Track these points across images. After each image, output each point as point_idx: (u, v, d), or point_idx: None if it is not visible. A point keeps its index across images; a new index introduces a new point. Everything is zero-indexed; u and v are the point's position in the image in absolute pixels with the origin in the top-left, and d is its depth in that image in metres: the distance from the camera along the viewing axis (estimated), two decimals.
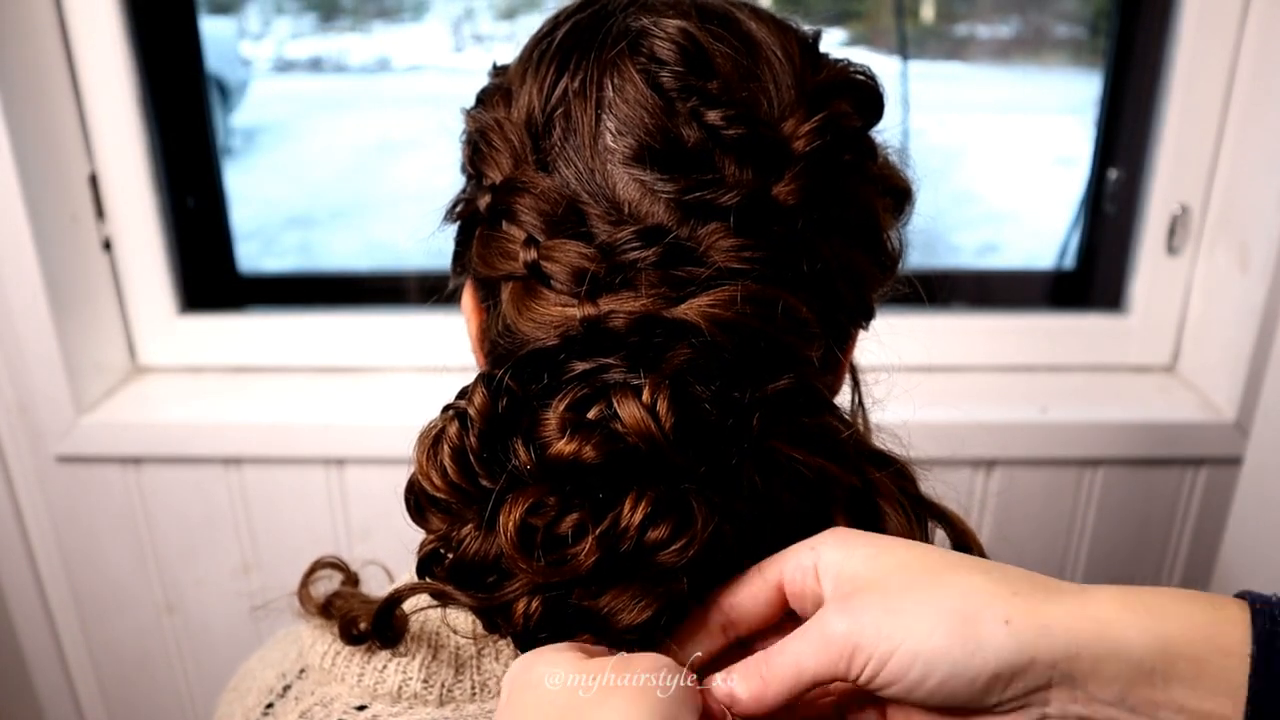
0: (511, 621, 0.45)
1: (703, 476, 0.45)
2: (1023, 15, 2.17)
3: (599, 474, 0.44)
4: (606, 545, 0.43)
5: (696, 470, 0.45)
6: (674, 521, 0.43)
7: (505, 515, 0.44)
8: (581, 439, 0.43)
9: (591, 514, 0.44)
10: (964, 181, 2.94)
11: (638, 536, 0.43)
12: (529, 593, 0.44)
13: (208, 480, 1.29)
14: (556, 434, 0.44)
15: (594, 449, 0.43)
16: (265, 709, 0.57)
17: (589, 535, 0.43)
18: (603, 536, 0.43)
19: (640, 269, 0.46)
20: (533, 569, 0.43)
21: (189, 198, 1.35)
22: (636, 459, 0.44)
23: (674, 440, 0.44)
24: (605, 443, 0.43)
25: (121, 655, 1.41)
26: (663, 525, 0.43)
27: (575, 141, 0.49)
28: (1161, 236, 1.27)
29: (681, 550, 0.43)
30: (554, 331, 0.47)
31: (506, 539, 0.43)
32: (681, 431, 0.44)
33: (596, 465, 0.43)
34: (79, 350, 1.25)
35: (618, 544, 0.43)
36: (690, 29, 0.49)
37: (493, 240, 0.51)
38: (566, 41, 0.51)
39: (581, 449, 0.43)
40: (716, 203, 0.47)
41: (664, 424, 0.43)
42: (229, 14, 2.38)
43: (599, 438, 0.43)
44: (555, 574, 0.43)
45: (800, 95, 0.50)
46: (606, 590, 0.44)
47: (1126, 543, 1.30)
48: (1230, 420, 1.21)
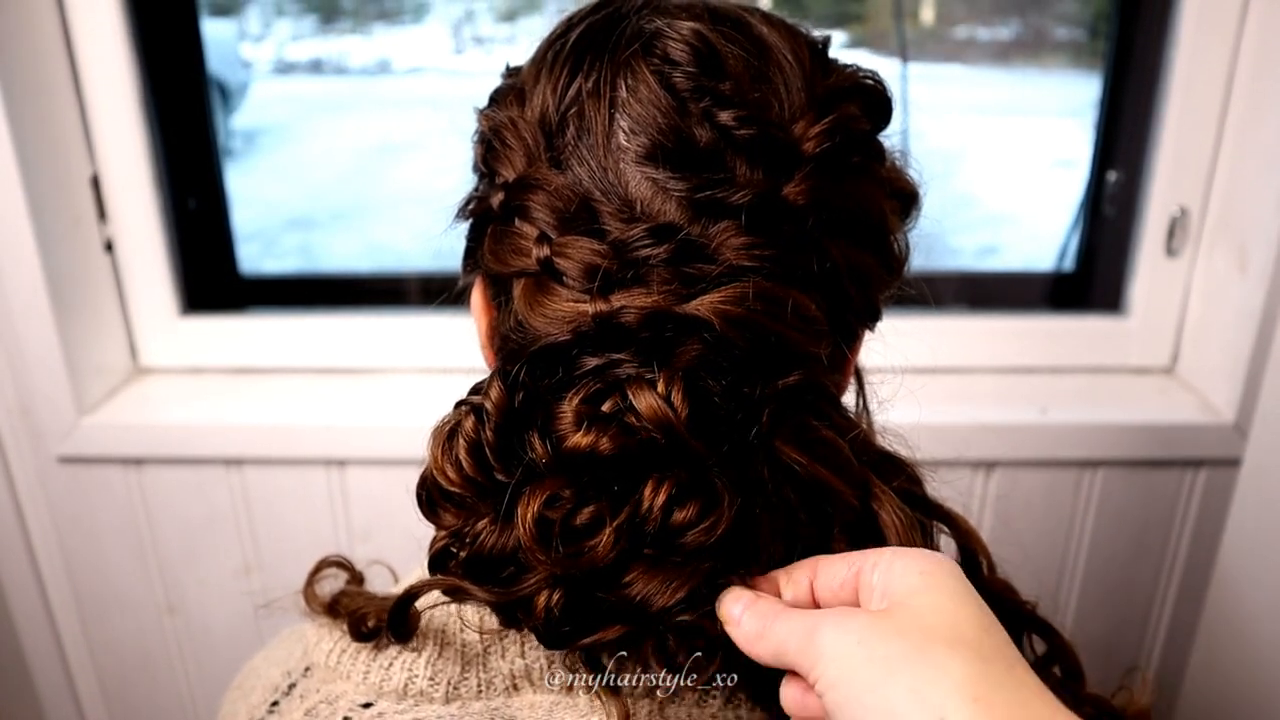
0: (533, 615, 0.45)
1: (720, 463, 0.45)
2: (1022, 18, 2.17)
3: (615, 465, 0.44)
4: (627, 533, 0.44)
5: (714, 456, 0.45)
6: (701, 501, 0.44)
7: (523, 508, 0.44)
8: (598, 431, 0.44)
9: (610, 505, 0.44)
10: (964, 184, 2.94)
11: (662, 518, 0.44)
12: (549, 585, 0.45)
13: (209, 481, 1.29)
14: (572, 427, 0.45)
15: (610, 440, 0.44)
16: (270, 707, 0.57)
17: (607, 525, 0.44)
18: (622, 525, 0.44)
19: (652, 266, 0.47)
20: (551, 560, 0.44)
21: (190, 199, 1.35)
22: (653, 450, 0.44)
23: (691, 429, 0.44)
24: (621, 434, 0.44)
25: (122, 656, 1.41)
26: (690, 506, 0.44)
27: (589, 140, 0.49)
28: (1160, 238, 1.28)
29: (710, 528, 0.44)
30: (566, 327, 0.47)
31: (525, 531, 0.44)
32: (696, 421, 0.44)
33: (613, 456, 0.44)
34: (80, 351, 1.25)
35: (641, 528, 0.44)
36: (703, 30, 0.49)
37: (505, 237, 0.51)
38: (580, 42, 0.52)
39: (598, 441, 0.44)
40: (728, 201, 0.47)
41: (680, 414, 0.44)
42: (230, 16, 2.38)
43: (615, 429, 0.44)
44: (573, 565, 0.44)
45: (810, 98, 0.51)
46: (634, 579, 0.44)
47: (1126, 544, 1.30)
48: (1229, 422, 1.21)
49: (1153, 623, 1.35)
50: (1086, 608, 1.34)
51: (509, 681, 0.53)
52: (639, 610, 0.44)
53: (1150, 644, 1.37)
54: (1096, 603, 1.34)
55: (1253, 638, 1.08)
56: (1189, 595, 1.31)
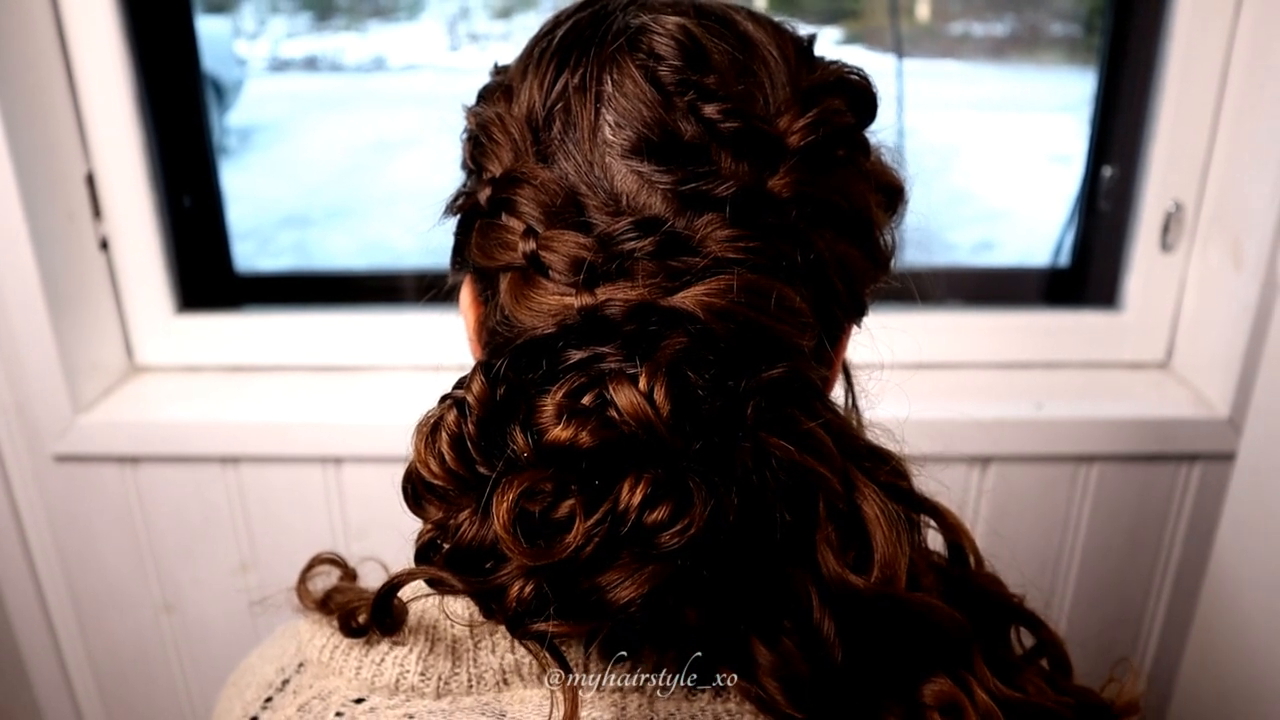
0: (504, 605, 0.45)
1: (699, 460, 0.45)
2: (1017, 14, 2.18)
3: (595, 459, 0.44)
4: (603, 528, 0.44)
5: (692, 454, 0.45)
6: (673, 503, 0.44)
7: (498, 499, 0.44)
8: (578, 425, 0.44)
9: (587, 500, 0.44)
10: (959, 179, 2.95)
11: (637, 518, 0.44)
12: (523, 576, 0.45)
13: (205, 479, 1.29)
14: (553, 420, 0.45)
15: (590, 434, 0.44)
16: (264, 703, 0.57)
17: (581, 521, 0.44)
18: (597, 521, 0.44)
19: (637, 259, 0.47)
20: (523, 552, 0.44)
21: (185, 197, 1.35)
22: (633, 445, 0.44)
23: (671, 425, 0.44)
24: (601, 428, 0.44)
25: (119, 654, 1.41)
26: (662, 507, 0.44)
27: (575, 135, 0.50)
28: (1155, 233, 1.28)
29: (682, 532, 0.44)
30: (551, 320, 0.47)
31: (500, 522, 0.44)
32: (678, 417, 0.44)
33: (592, 450, 0.44)
34: (76, 349, 1.25)
35: (617, 527, 0.44)
36: (689, 25, 0.50)
37: (492, 231, 0.51)
38: (567, 39, 0.52)
39: (578, 435, 0.44)
40: (712, 194, 0.47)
41: (661, 410, 0.44)
42: (224, 13, 2.37)
43: (595, 423, 0.44)
44: (544, 556, 0.44)
45: (795, 93, 0.51)
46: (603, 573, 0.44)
47: (1120, 539, 1.30)
48: (1224, 416, 1.21)
49: (1148, 617, 1.36)
50: (1081, 602, 1.34)
51: (499, 676, 0.53)
52: (599, 603, 0.44)
53: (1145, 638, 1.37)
54: (1091, 597, 1.34)
55: (1247, 632, 1.08)
56: (1184, 590, 1.31)
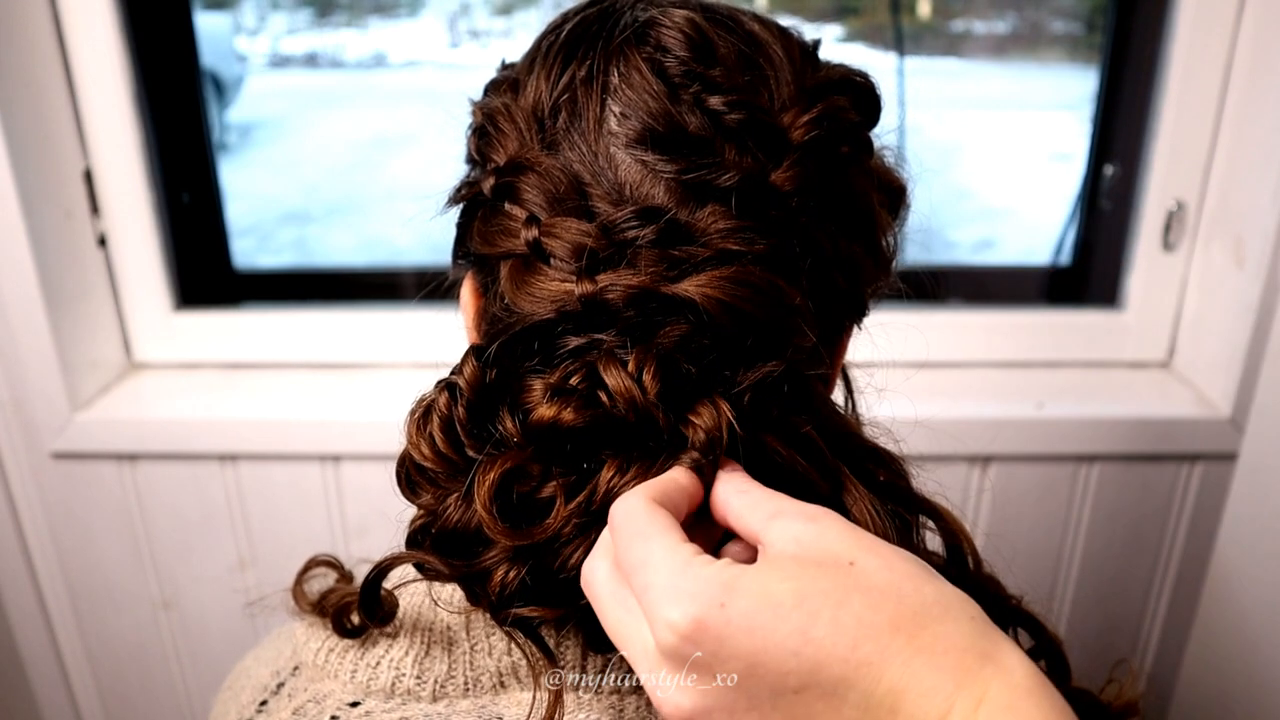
0: (488, 589, 0.45)
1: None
2: (1019, 11, 2.17)
3: (581, 441, 0.44)
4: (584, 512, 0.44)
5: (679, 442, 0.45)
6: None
7: (480, 479, 0.44)
8: (563, 403, 0.44)
9: (570, 482, 0.44)
10: (960, 178, 2.94)
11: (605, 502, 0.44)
12: (508, 559, 0.45)
13: (204, 477, 1.29)
14: (540, 399, 0.45)
15: (574, 413, 0.44)
16: (259, 706, 0.57)
17: (563, 502, 0.44)
18: (580, 504, 0.44)
19: (639, 247, 0.47)
20: (501, 531, 0.44)
21: (184, 193, 1.35)
22: (620, 428, 0.44)
23: (658, 408, 0.44)
24: (586, 407, 0.44)
25: (117, 651, 1.41)
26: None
27: (580, 125, 0.50)
28: (1157, 232, 1.27)
29: None
30: (551, 306, 0.47)
31: (480, 502, 0.44)
32: (666, 401, 0.44)
33: (578, 430, 0.44)
34: (74, 347, 1.24)
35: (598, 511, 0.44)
36: (696, 19, 0.50)
37: (494, 218, 0.52)
38: (574, 34, 0.53)
39: (561, 413, 0.44)
40: (716, 184, 0.47)
41: (649, 392, 0.44)
42: (224, 9, 2.37)
43: (579, 402, 0.44)
44: (524, 537, 0.44)
45: (799, 90, 0.52)
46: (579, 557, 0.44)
47: (1122, 538, 1.30)
48: (1225, 416, 1.21)
49: (1148, 617, 1.36)
50: (1082, 602, 1.34)
51: (495, 679, 0.53)
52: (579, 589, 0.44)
53: (1146, 638, 1.37)
54: (1092, 597, 1.34)
55: (1248, 631, 1.08)
56: (1184, 589, 1.31)
